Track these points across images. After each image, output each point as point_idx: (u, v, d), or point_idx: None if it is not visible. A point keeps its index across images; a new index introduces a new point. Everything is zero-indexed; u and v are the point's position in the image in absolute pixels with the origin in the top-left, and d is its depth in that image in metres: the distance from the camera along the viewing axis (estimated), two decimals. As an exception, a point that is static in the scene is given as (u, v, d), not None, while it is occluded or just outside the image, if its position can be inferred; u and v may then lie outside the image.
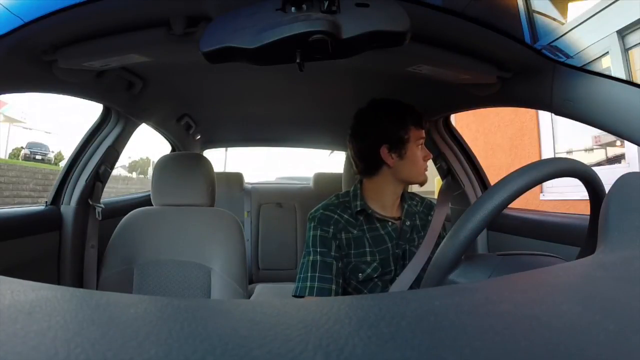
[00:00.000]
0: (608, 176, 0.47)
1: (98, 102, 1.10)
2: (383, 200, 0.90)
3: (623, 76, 0.66)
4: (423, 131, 0.90)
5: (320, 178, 2.14)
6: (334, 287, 0.82)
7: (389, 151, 0.86)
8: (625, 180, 0.39)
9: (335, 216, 0.87)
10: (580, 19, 0.73)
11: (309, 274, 0.82)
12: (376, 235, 0.87)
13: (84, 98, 1.00)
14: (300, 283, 0.83)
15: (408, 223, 0.90)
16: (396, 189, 0.90)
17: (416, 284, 0.83)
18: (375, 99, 0.92)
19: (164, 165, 1.14)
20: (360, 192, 0.90)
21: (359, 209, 0.88)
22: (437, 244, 0.90)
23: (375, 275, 0.86)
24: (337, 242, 0.86)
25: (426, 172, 0.91)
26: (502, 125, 3.38)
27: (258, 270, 2.00)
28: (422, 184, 0.91)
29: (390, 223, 0.89)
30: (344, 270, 0.86)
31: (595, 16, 0.71)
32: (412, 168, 0.88)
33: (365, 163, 0.91)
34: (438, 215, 0.93)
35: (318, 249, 0.84)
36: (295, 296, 0.83)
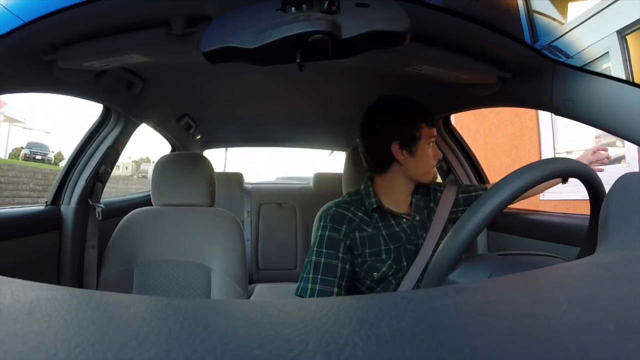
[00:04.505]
0: (608, 176, 0.47)
1: (98, 102, 1.10)
2: (395, 197, 0.89)
3: (623, 76, 0.66)
4: (434, 129, 0.89)
5: (320, 178, 2.14)
6: (336, 290, 0.80)
7: (399, 148, 0.85)
8: (625, 180, 0.39)
9: (349, 214, 0.86)
10: (580, 19, 0.73)
11: (311, 275, 0.81)
12: (392, 232, 0.86)
13: (84, 98, 1.00)
14: (302, 283, 0.82)
15: (418, 218, 0.90)
16: (408, 186, 0.89)
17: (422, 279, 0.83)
18: (385, 96, 0.91)
19: (164, 165, 1.14)
20: (373, 190, 0.89)
21: (374, 205, 0.86)
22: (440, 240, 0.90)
23: (390, 273, 0.84)
24: (349, 243, 0.84)
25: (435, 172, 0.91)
26: (502, 125, 3.38)
27: (258, 270, 1.99)
28: (430, 182, 0.91)
29: (404, 220, 0.88)
30: (359, 270, 0.85)
31: (596, 16, 0.71)
32: (421, 166, 0.87)
33: (375, 159, 0.89)
34: (441, 209, 0.92)
35: (324, 250, 0.83)
36: (297, 295, 0.82)
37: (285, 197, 2.10)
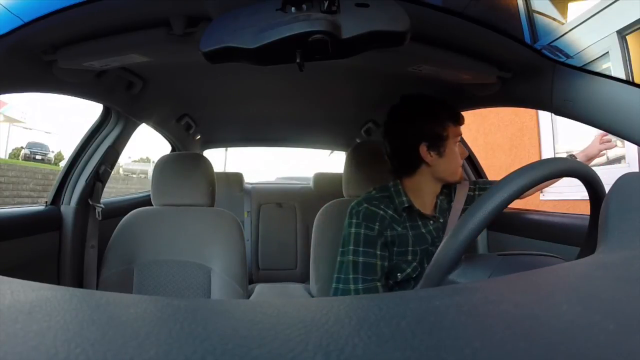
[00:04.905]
0: (608, 176, 0.47)
1: (98, 102, 1.10)
2: (423, 198, 0.87)
3: (623, 76, 0.66)
4: (460, 127, 0.87)
5: (320, 178, 2.14)
6: (379, 284, 0.79)
7: (427, 149, 0.83)
8: (625, 180, 0.38)
9: (381, 212, 0.83)
10: (580, 19, 0.73)
11: (351, 276, 0.79)
12: (419, 234, 0.85)
13: (84, 98, 1.00)
14: (341, 284, 0.80)
15: (442, 220, 0.89)
16: (435, 187, 0.88)
17: None
18: (408, 95, 0.89)
19: (164, 165, 1.14)
20: (402, 189, 0.87)
21: (405, 205, 0.84)
22: None
23: (414, 276, 0.83)
24: (383, 240, 0.82)
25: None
26: (502, 125, 3.38)
27: (258, 270, 2.00)
28: (458, 182, 0.89)
29: (431, 221, 0.87)
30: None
31: (596, 16, 0.71)
32: (450, 166, 0.85)
33: (402, 162, 0.87)
34: (456, 206, 0.91)
35: (361, 249, 0.80)
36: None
37: (285, 197, 2.10)
